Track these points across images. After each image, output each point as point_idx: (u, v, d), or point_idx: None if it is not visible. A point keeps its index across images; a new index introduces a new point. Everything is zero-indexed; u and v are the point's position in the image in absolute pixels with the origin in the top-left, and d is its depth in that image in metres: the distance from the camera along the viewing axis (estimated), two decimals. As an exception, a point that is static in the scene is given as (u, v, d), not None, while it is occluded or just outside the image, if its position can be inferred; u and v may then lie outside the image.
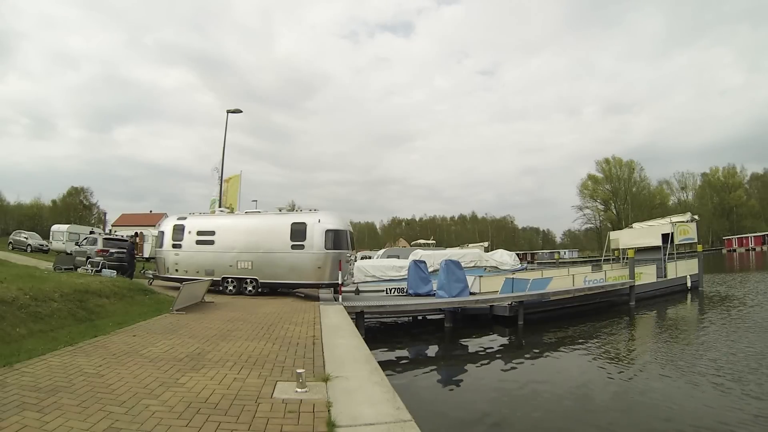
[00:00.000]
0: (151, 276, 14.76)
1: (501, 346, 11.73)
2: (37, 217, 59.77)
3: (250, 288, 12.85)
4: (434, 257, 20.36)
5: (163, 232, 14.23)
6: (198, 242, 13.49)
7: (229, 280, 13.02)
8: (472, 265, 23.33)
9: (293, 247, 12.50)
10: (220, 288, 12.96)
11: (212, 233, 13.41)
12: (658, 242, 20.24)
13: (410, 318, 14.38)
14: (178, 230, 13.81)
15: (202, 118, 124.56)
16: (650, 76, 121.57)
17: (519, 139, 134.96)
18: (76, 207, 66.98)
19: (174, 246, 13.75)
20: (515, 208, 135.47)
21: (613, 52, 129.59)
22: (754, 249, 59.73)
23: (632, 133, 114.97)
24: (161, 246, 14.13)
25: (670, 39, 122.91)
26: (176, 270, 13.63)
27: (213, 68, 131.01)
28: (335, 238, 12.44)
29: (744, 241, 63.33)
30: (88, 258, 14.62)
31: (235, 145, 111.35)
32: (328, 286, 12.83)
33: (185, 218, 14.15)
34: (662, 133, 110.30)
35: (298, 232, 12.52)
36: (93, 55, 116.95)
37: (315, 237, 12.36)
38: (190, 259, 13.52)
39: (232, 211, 17.08)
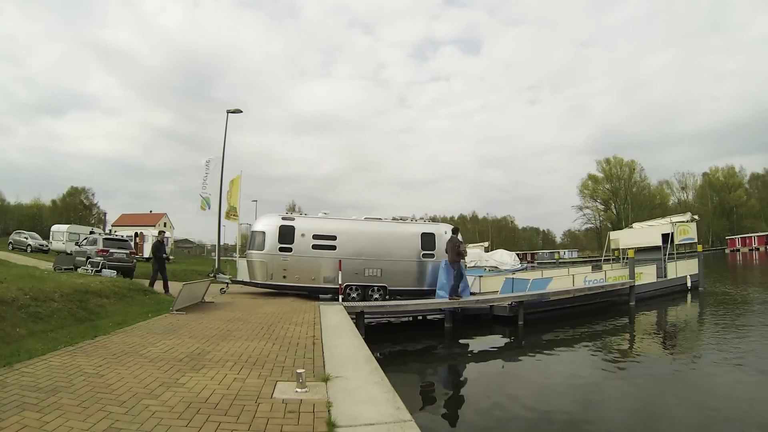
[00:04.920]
0: (227, 281, 13.31)
1: (501, 346, 11.74)
2: (37, 217, 59.91)
3: (376, 296, 12.75)
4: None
5: (263, 233, 12.84)
6: (315, 247, 12.75)
7: (353, 287, 12.80)
8: (472, 265, 23.37)
9: (424, 255, 13.27)
10: (341, 297, 12.11)
11: (333, 238, 12.90)
12: (658, 242, 20.20)
13: (410, 318, 14.38)
14: (287, 232, 12.74)
15: (129, 112, 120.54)
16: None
17: (473, 126, 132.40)
18: (76, 207, 67.19)
19: (282, 250, 12.66)
20: (493, 205, 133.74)
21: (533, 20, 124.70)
22: (758, 249, 59.58)
23: (592, 118, 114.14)
24: (259, 248, 12.75)
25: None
26: (284, 276, 12.63)
27: (116, 57, 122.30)
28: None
29: (747, 240, 63.14)
30: (88, 258, 14.64)
31: (168, 133, 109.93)
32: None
33: (292, 219, 13.28)
34: (635, 118, 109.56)
35: (429, 242, 13.32)
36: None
37: (443, 247, 12.85)
38: (303, 265, 12.64)
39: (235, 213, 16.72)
